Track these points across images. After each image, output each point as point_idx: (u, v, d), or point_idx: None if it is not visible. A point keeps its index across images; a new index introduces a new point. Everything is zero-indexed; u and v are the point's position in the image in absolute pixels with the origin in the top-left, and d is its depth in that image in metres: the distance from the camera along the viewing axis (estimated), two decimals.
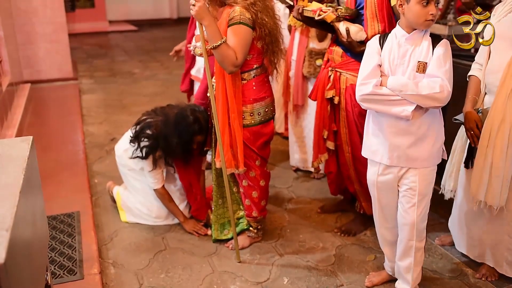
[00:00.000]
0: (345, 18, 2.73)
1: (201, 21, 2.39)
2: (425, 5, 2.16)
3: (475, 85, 2.55)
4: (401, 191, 2.39)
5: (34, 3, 6.56)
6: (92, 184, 3.79)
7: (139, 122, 3.07)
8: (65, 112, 5.64)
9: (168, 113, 3.01)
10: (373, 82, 2.24)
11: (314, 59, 3.54)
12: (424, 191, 2.34)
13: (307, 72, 3.59)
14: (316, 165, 3.16)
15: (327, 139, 3.01)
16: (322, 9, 2.70)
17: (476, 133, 2.41)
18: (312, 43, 3.58)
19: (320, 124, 3.02)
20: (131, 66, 8.15)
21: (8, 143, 1.84)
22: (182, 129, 2.92)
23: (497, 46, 2.39)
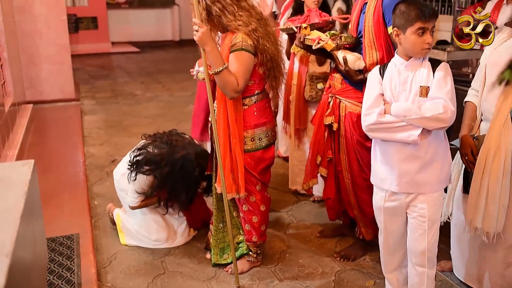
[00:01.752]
0: (345, 46, 2.77)
1: (203, 46, 2.43)
2: (420, 34, 2.21)
3: (471, 111, 2.57)
4: (410, 218, 2.39)
5: (38, 25, 6.64)
6: (92, 206, 3.79)
7: (139, 154, 3.07)
8: (66, 133, 5.67)
9: (172, 156, 3.00)
10: (376, 111, 2.26)
11: (315, 83, 3.58)
12: (434, 217, 2.34)
13: (309, 96, 3.62)
14: (305, 188, 3.20)
15: (320, 165, 3.03)
16: (321, 38, 2.75)
17: (471, 159, 2.43)
18: (313, 67, 3.62)
19: (314, 149, 3.04)
20: (133, 88, 8.21)
21: (10, 166, 1.85)
22: (188, 179, 2.98)
23: (493, 73, 2.42)
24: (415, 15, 2.21)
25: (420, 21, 2.20)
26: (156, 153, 3.02)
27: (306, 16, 3.46)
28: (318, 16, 3.38)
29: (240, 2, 2.52)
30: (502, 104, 2.34)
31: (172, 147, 3.04)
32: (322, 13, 3.49)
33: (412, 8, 2.24)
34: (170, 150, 3.01)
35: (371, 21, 2.70)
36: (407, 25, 2.23)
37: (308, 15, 3.46)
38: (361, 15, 2.83)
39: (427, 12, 2.20)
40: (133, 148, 3.16)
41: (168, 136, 3.15)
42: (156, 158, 3.00)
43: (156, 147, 3.06)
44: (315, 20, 3.32)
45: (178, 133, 3.23)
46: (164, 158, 2.98)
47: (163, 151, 3.02)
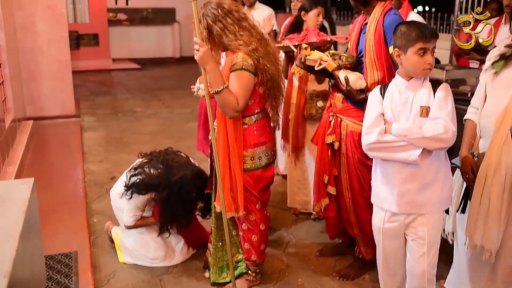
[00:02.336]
0: (346, 66, 2.79)
1: (204, 66, 2.44)
2: (421, 55, 2.22)
3: (471, 129, 2.57)
4: (409, 240, 2.38)
5: (40, 42, 6.68)
6: (91, 223, 3.78)
7: (136, 174, 3.07)
8: (66, 150, 5.67)
9: (169, 178, 2.99)
10: (377, 131, 2.27)
11: (315, 101, 3.60)
12: (433, 240, 2.34)
13: (309, 114, 3.64)
14: (317, 210, 3.16)
15: (328, 184, 3.02)
16: (322, 59, 2.77)
17: (471, 178, 2.42)
18: (312, 86, 3.65)
19: (320, 168, 3.03)
20: (133, 104, 8.23)
21: (9, 185, 1.86)
22: (186, 201, 2.98)
23: (492, 90, 2.43)
24: (415, 36, 2.22)
25: (421, 41, 2.21)
26: (153, 176, 3.01)
27: (304, 35, 3.49)
28: (316, 35, 3.42)
29: (241, 22, 2.54)
30: (502, 122, 2.35)
31: (169, 168, 3.03)
32: (320, 33, 3.52)
33: (412, 28, 2.26)
34: (167, 172, 3.00)
35: (372, 41, 2.73)
36: (408, 46, 2.25)
37: (306, 34, 3.49)
38: (361, 35, 2.86)
39: (427, 33, 2.22)
40: (130, 167, 3.15)
41: (164, 155, 3.15)
42: (154, 182, 2.99)
43: (152, 167, 3.05)
44: (313, 39, 3.35)
45: (174, 152, 3.23)
46: (161, 181, 2.98)
47: (160, 172, 3.01)
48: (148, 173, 3.03)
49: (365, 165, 2.78)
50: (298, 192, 3.92)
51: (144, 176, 3.02)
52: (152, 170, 3.04)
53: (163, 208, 3.02)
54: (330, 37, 3.47)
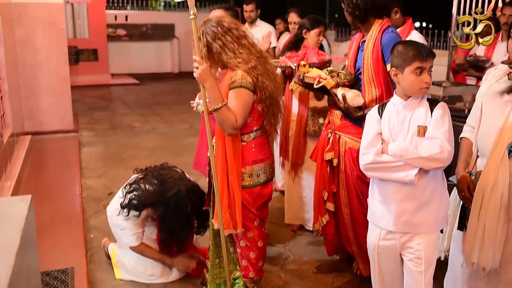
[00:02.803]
0: (345, 84, 2.81)
1: (203, 83, 2.45)
2: (418, 74, 2.23)
3: (467, 147, 2.58)
4: (406, 260, 2.38)
5: (39, 57, 6.71)
6: (88, 239, 3.76)
7: (131, 190, 3.06)
8: (64, 165, 5.67)
9: (164, 195, 2.97)
10: (373, 151, 2.27)
11: (317, 117, 3.62)
12: (430, 259, 2.34)
13: (312, 131, 3.65)
14: (317, 227, 3.16)
15: (327, 201, 3.02)
16: (321, 76, 2.79)
17: (467, 196, 2.42)
18: (313, 102, 3.67)
19: (320, 185, 3.04)
20: (131, 119, 8.25)
21: (7, 202, 1.86)
22: (182, 217, 2.97)
23: (488, 110, 2.44)
24: (412, 55, 2.24)
25: (417, 60, 2.23)
26: (148, 193, 3.00)
27: (304, 54, 3.51)
28: (315, 54, 3.44)
29: (241, 40, 2.55)
30: (499, 140, 2.35)
31: (163, 183, 3.02)
32: (319, 52, 3.54)
33: (409, 48, 2.28)
34: (161, 188, 2.99)
35: (370, 58, 2.75)
36: (405, 65, 2.26)
37: (305, 52, 3.51)
38: (358, 52, 2.88)
39: (424, 52, 2.23)
40: (125, 183, 3.15)
41: (159, 170, 3.14)
42: (149, 199, 2.98)
43: (148, 183, 3.05)
44: (313, 58, 3.37)
45: (169, 167, 3.23)
46: (157, 198, 2.97)
47: (155, 188, 3.00)
48: (143, 189, 3.02)
49: (364, 182, 2.78)
50: (299, 210, 3.91)
51: (140, 193, 3.01)
52: (147, 185, 3.04)
53: (161, 225, 3.01)
54: (329, 57, 3.50)
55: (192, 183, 3.09)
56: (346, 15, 2.85)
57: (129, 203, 3.00)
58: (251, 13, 5.68)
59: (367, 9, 2.75)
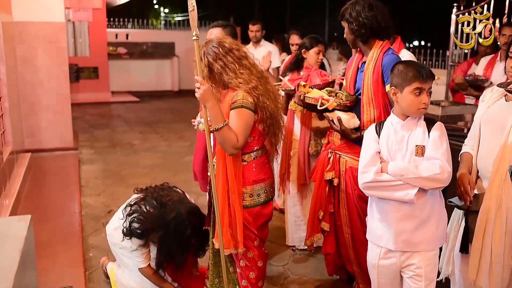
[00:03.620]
0: (346, 105, 2.83)
1: (205, 103, 2.47)
2: (417, 94, 2.25)
3: (467, 159, 2.54)
4: (406, 278, 2.38)
5: (40, 75, 6.75)
6: (87, 258, 3.75)
7: (131, 212, 3.04)
8: (63, 182, 5.66)
9: (164, 218, 2.95)
10: (373, 170, 2.29)
11: (319, 138, 3.63)
12: (430, 276, 2.34)
13: (314, 151, 3.67)
14: (308, 244, 3.17)
15: (322, 220, 3.02)
16: (323, 98, 2.81)
17: (466, 190, 2.39)
18: (316, 122, 3.68)
19: (316, 204, 3.04)
20: (131, 137, 8.26)
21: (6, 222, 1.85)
22: (182, 240, 2.94)
23: (487, 132, 2.45)
24: (412, 75, 2.26)
25: (417, 81, 2.25)
26: (148, 219, 2.98)
27: (307, 75, 3.53)
28: (318, 75, 3.46)
29: (242, 60, 2.58)
30: (500, 162, 2.36)
31: (163, 206, 2.99)
32: (322, 72, 3.57)
33: (410, 68, 2.30)
34: (161, 211, 2.97)
35: (370, 79, 2.77)
36: (405, 85, 2.28)
37: (308, 74, 3.53)
38: (358, 73, 2.90)
39: (424, 73, 2.26)
40: (125, 204, 3.13)
41: (159, 191, 3.12)
42: (150, 225, 2.96)
43: (148, 204, 3.02)
44: (316, 80, 3.39)
45: (169, 187, 3.21)
46: (157, 222, 2.95)
47: (156, 211, 2.98)
48: (144, 212, 2.98)
49: (365, 201, 2.77)
50: (297, 229, 3.91)
51: (141, 217, 2.97)
52: (148, 207, 3.00)
53: (160, 247, 2.99)
54: (332, 78, 3.52)
55: (192, 205, 3.06)
56: (347, 33, 2.87)
57: (131, 231, 2.97)
58: (256, 33, 5.86)
59: (373, 28, 2.78)
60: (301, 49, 3.84)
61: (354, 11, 2.79)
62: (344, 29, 2.89)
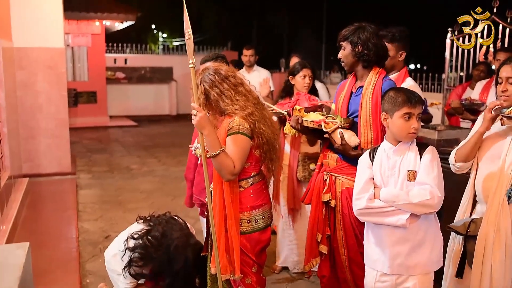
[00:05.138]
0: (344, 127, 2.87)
1: (201, 130, 2.49)
2: (407, 119, 2.31)
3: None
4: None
5: (39, 100, 6.80)
6: (84, 284, 3.72)
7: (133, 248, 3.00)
8: (61, 207, 5.65)
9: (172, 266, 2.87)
10: (366, 197, 2.33)
11: (307, 163, 3.66)
12: None
13: (301, 176, 3.69)
14: (307, 269, 3.15)
15: (321, 243, 3.02)
16: (325, 121, 2.84)
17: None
18: (305, 148, 3.73)
19: (314, 227, 3.04)
20: (129, 162, 8.27)
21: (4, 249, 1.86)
22: (188, 282, 2.92)
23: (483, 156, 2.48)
24: (402, 101, 2.33)
25: (406, 106, 2.31)
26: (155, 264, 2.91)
27: (296, 100, 3.58)
28: (307, 99, 3.51)
29: (238, 87, 2.61)
30: (497, 187, 2.38)
31: (168, 250, 2.88)
32: (311, 97, 3.62)
33: (400, 94, 2.37)
34: (169, 258, 2.86)
35: (369, 102, 2.81)
36: (394, 110, 2.35)
37: (297, 98, 3.58)
38: (351, 97, 2.95)
39: (413, 99, 2.32)
40: (126, 233, 3.08)
41: (164, 224, 3.06)
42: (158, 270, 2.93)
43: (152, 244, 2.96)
44: (305, 103, 3.43)
45: (172, 218, 3.17)
46: (165, 269, 2.91)
47: (162, 255, 2.92)
48: (149, 253, 2.94)
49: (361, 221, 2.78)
50: (291, 253, 3.91)
51: (146, 258, 2.93)
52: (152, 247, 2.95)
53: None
54: (321, 102, 3.57)
55: (197, 246, 3.01)
56: (347, 55, 2.90)
57: (136, 276, 2.94)
58: (250, 58, 5.96)
59: (378, 55, 2.86)
60: (288, 76, 3.90)
61: (363, 35, 2.84)
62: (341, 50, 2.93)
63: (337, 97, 3.08)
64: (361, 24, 2.92)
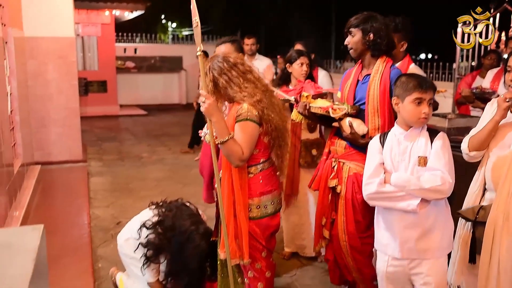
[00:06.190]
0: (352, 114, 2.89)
1: (210, 117, 2.51)
2: (418, 104, 2.31)
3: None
4: (417, 286, 2.40)
5: (50, 89, 6.86)
6: (96, 269, 3.78)
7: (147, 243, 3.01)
8: (72, 194, 5.72)
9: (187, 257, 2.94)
10: (376, 181, 2.34)
11: (309, 149, 3.69)
12: (440, 283, 2.38)
13: (305, 162, 3.72)
14: (317, 250, 3.21)
15: (324, 227, 3.07)
16: (333, 107, 2.86)
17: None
18: (305, 135, 3.76)
19: (320, 212, 3.10)
20: (139, 150, 8.32)
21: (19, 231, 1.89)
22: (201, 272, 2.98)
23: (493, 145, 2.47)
24: (413, 86, 2.33)
25: (417, 91, 2.31)
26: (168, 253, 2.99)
27: (301, 87, 3.59)
28: (312, 87, 3.52)
29: (246, 75, 2.62)
30: (507, 174, 2.38)
31: (181, 234, 2.96)
32: (315, 84, 3.62)
33: (411, 79, 2.37)
34: (183, 249, 2.94)
35: (377, 90, 2.83)
36: (405, 95, 2.35)
37: (302, 86, 3.59)
38: (357, 85, 2.97)
39: (424, 84, 2.32)
40: (139, 222, 3.11)
41: (175, 211, 3.08)
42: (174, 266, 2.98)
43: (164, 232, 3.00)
44: (310, 91, 3.45)
45: (184, 204, 3.20)
46: (180, 260, 2.94)
47: (176, 246, 2.95)
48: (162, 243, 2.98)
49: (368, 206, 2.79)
50: (296, 237, 3.94)
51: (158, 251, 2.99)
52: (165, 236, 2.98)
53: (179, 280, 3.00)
54: (326, 90, 3.58)
55: (205, 228, 3.05)
56: (357, 42, 2.90)
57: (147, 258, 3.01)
58: (252, 46, 6.00)
59: (388, 45, 2.89)
60: (286, 64, 3.90)
61: (376, 24, 2.85)
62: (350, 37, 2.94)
63: (343, 85, 3.10)
64: (371, 13, 2.93)
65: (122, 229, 3.32)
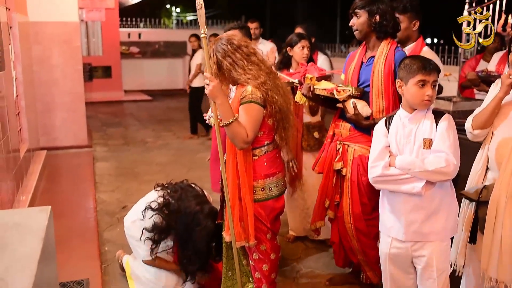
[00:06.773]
0: (356, 96, 2.89)
1: (214, 99, 2.52)
2: (421, 86, 2.30)
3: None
4: (419, 268, 2.42)
5: (55, 74, 6.87)
6: (102, 252, 3.82)
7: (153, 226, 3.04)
8: (78, 179, 5.77)
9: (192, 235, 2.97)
10: (381, 164, 2.35)
11: (311, 132, 3.70)
12: (442, 266, 2.38)
13: (307, 145, 3.73)
14: (313, 228, 3.28)
15: (329, 209, 3.10)
16: (337, 89, 2.86)
17: None
18: (307, 118, 3.76)
19: (323, 193, 3.13)
20: (144, 135, 8.35)
21: (27, 212, 1.92)
22: (207, 252, 3.01)
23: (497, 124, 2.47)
24: (416, 68, 2.32)
25: (421, 73, 2.30)
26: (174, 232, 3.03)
27: (305, 70, 3.58)
28: (316, 69, 3.51)
29: (250, 57, 2.62)
30: (510, 153, 2.38)
31: (187, 215, 2.99)
32: (319, 68, 3.62)
33: (415, 61, 2.36)
34: (189, 229, 2.97)
35: (381, 72, 2.83)
36: (409, 77, 2.34)
37: (306, 69, 3.59)
38: (361, 67, 2.96)
39: (428, 66, 2.31)
40: (145, 204, 3.15)
41: (180, 192, 3.10)
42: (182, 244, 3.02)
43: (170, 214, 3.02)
44: (314, 73, 3.44)
45: (189, 185, 3.23)
46: (186, 240, 2.98)
47: (182, 226, 2.99)
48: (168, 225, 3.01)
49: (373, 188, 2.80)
50: (303, 221, 3.96)
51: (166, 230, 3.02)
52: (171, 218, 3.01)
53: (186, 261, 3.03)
54: (329, 72, 3.58)
55: (210, 207, 3.09)
56: (362, 24, 2.89)
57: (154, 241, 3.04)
58: (255, 30, 5.99)
59: (395, 28, 2.91)
60: (286, 47, 3.89)
61: (382, 6, 2.85)
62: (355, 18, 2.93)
63: (347, 68, 3.10)
64: None
65: (129, 211, 3.35)
